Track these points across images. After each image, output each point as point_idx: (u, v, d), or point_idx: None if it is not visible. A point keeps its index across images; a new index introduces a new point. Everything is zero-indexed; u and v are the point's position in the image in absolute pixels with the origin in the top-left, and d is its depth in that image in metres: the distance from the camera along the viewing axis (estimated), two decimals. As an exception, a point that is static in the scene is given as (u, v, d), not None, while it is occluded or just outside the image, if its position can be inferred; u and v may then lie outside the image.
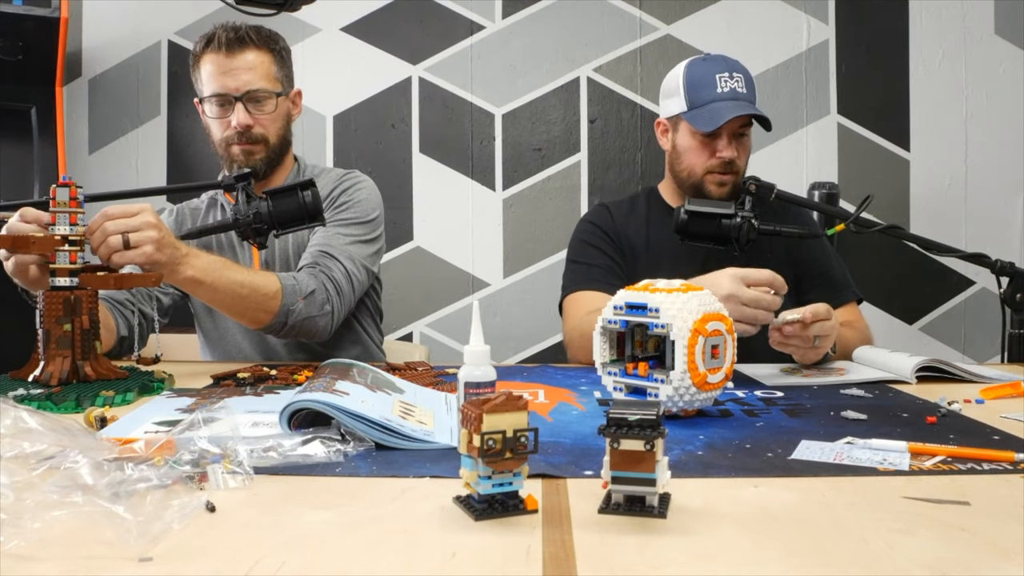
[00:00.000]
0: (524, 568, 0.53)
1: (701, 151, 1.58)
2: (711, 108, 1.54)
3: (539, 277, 2.62)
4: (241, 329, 1.61)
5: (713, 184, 1.59)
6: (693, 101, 1.57)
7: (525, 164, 2.63)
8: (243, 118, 1.52)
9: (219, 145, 1.57)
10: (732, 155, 1.56)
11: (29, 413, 0.73)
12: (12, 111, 2.35)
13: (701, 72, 1.58)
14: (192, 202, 1.72)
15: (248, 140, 1.54)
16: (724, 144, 1.56)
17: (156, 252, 1.18)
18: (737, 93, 1.55)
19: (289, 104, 1.62)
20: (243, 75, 1.52)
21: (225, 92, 1.52)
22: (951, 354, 2.58)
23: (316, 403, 0.82)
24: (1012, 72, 2.57)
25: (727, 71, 1.56)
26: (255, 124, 1.54)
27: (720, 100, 1.54)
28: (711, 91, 1.55)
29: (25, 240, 1.09)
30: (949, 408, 1.01)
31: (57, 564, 0.53)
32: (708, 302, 0.97)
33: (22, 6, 2.21)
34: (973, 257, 1.50)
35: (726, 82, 1.55)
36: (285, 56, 1.61)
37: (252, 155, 1.55)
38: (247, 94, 1.52)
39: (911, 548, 0.56)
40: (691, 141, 1.59)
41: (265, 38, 1.56)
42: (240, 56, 1.52)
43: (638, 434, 0.61)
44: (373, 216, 1.62)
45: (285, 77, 1.60)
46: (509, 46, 2.62)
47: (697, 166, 1.59)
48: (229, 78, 1.51)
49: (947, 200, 2.59)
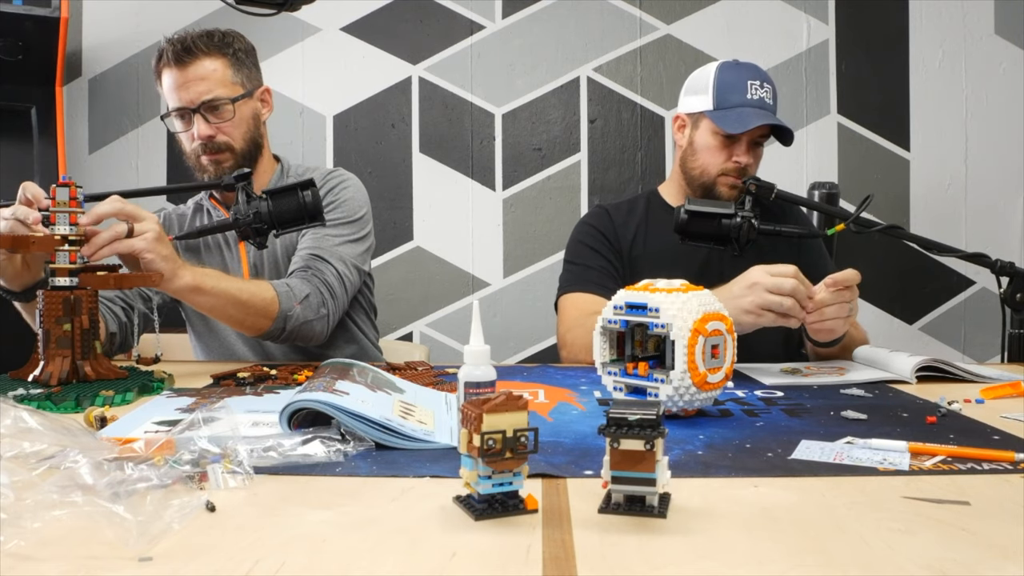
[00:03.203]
0: (524, 568, 0.53)
1: (719, 152, 1.59)
2: (739, 112, 1.55)
3: (539, 277, 2.62)
4: (235, 331, 1.61)
5: (725, 187, 1.60)
6: (721, 102, 1.57)
7: (525, 164, 2.63)
8: (204, 129, 1.50)
9: (190, 157, 1.56)
10: (748, 161, 1.58)
11: (29, 413, 0.73)
12: (12, 111, 2.35)
13: (734, 76, 1.58)
14: (179, 208, 1.71)
15: (213, 150, 1.52)
16: (743, 150, 1.58)
17: (157, 241, 1.18)
18: (764, 103, 1.57)
19: (256, 104, 1.59)
20: (196, 86, 1.49)
21: (182, 105, 1.50)
22: (951, 354, 2.58)
23: (316, 403, 0.82)
24: (1012, 72, 2.58)
25: (759, 80, 1.58)
26: (217, 133, 1.52)
27: (748, 106, 1.56)
28: (741, 96, 1.56)
29: (25, 240, 1.09)
30: (949, 408, 1.01)
31: (57, 564, 0.53)
32: (708, 302, 0.97)
33: (22, 6, 2.21)
34: (973, 257, 1.50)
35: (756, 90, 1.56)
36: (243, 57, 1.57)
37: (220, 164, 1.53)
38: (203, 104, 1.50)
39: (911, 548, 0.56)
40: (711, 140, 1.60)
41: (217, 44, 1.53)
42: (191, 67, 1.49)
43: (638, 434, 0.61)
44: (360, 214, 1.61)
45: (246, 79, 1.56)
46: (509, 46, 2.62)
47: (712, 166, 1.60)
48: (183, 91, 1.50)
49: (947, 200, 2.59)
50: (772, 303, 1.21)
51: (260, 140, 1.61)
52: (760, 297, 1.21)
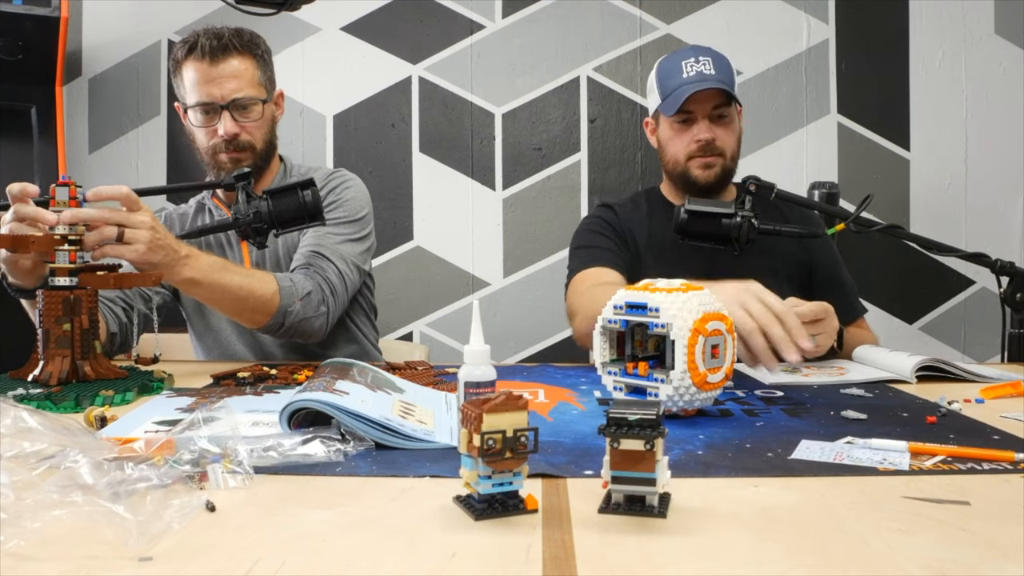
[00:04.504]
0: (524, 568, 0.53)
1: (679, 138, 1.60)
2: (676, 93, 1.55)
3: (539, 277, 2.62)
4: (234, 329, 1.61)
5: (697, 168, 1.59)
6: (664, 91, 1.59)
7: (525, 164, 2.63)
8: (231, 127, 1.51)
9: (205, 152, 1.56)
10: (709, 136, 1.56)
11: (29, 413, 0.73)
12: (12, 111, 2.35)
13: (670, 63, 1.60)
14: (180, 207, 1.71)
15: (236, 148, 1.53)
16: (701, 128, 1.57)
17: (148, 252, 1.16)
18: (704, 75, 1.54)
19: (273, 107, 1.61)
20: (228, 83, 1.50)
21: (211, 101, 1.50)
22: (951, 354, 2.58)
23: (316, 403, 0.82)
24: (1012, 72, 2.57)
25: (693, 56, 1.57)
26: (242, 132, 1.53)
27: (685, 84, 1.55)
28: (678, 78, 1.56)
29: (25, 240, 1.09)
30: (949, 408, 1.01)
31: (57, 564, 0.53)
32: (708, 302, 0.97)
33: (22, 6, 2.21)
34: (973, 257, 1.50)
35: (691, 66, 1.56)
36: (267, 59, 1.59)
37: (239, 162, 1.54)
38: (233, 102, 1.51)
39: (911, 548, 0.56)
40: (669, 131, 1.61)
41: (247, 43, 1.54)
42: (224, 63, 1.50)
43: (638, 434, 0.61)
44: (362, 214, 1.61)
45: (268, 81, 1.58)
46: (509, 46, 2.62)
47: (679, 153, 1.60)
48: (214, 86, 1.50)
49: (947, 200, 2.59)
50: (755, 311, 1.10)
51: (275, 142, 1.64)
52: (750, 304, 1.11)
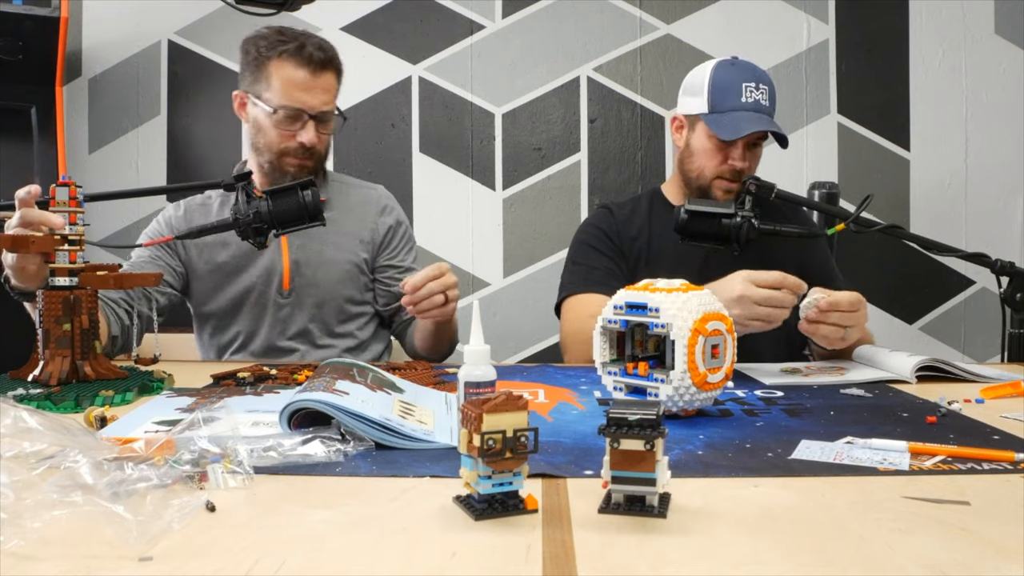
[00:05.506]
0: (524, 568, 0.53)
1: (714, 155, 1.58)
2: (733, 117, 1.54)
3: (539, 277, 2.62)
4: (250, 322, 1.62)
5: (720, 190, 1.60)
6: (715, 105, 1.56)
7: (525, 164, 2.63)
8: (313, 138, 1.53)
9: (270, 151, 1.56)
10: (744, 166, 1.57)
11: (29, 413, 0.73)
12: (12, 111, 2.35)
13: (728, 78, 1.56)
14: (197, 198, 1.70)
15: (308, 156, 1.55)
16: (738, 154, 1.56)
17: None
18: (760, 105, 1.55)
19: None
20: (322, 95, 1.53)
21: (303, 109, 1.52)
22: (951, 354, 2.58)
23: (316, 403, 0.82)
24: (1012, 72, 2.57)
25: (754, 81, 1.55)
26: (319, 143, 1.55)
27: (743, 110, 1.54)
28: (735, 99, 1.54)
29: (24, 240, 1.09)
30: (949, 408, 1.01)
31: (57, 564, 0.53)
32: (708, 302, 0.97)
33: (22, 6, 2.21)
34: (973, 257, 1.50)
35: (751, 92, 1.54)
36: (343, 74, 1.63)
37: (303, 169, 1.56)
38: (321, 114, 1.54)
39: (911, 548, 0.56)
40: (706, 144, 1.59)
41: (338, 59, 1.58)
42: (324, 75, 1.54)
43: (638, 434, 0.61)
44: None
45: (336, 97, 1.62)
46: (509, 46, 2.62)
47: (708, 169, 1.60)
48: (309, 96, 1.52)
49: (947, 200, 2.59)
50: (760, 315, 1.21)
51: None
52: (749, 310, 1.21)
